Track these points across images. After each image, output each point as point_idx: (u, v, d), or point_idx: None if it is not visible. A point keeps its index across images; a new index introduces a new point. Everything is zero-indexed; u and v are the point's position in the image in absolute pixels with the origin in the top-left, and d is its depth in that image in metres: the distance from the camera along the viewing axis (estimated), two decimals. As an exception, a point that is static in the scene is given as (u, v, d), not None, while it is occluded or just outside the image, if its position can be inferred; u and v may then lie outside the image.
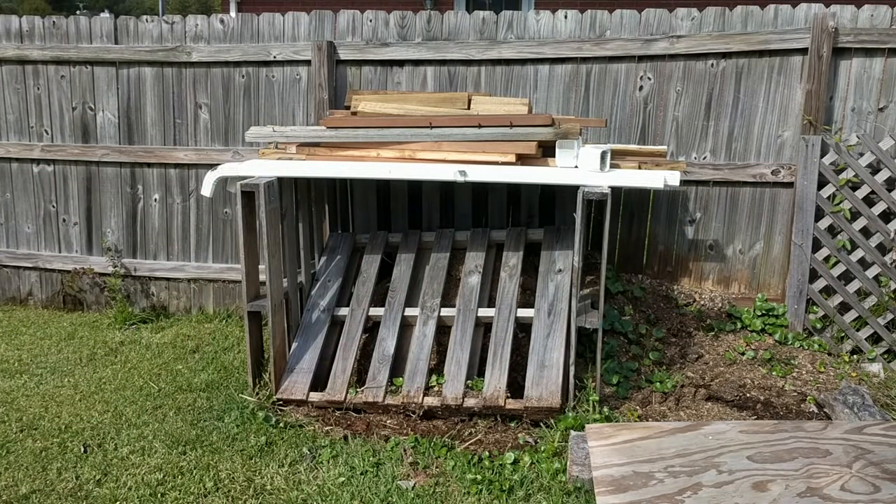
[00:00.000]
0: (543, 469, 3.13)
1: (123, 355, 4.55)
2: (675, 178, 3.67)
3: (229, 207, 5.08)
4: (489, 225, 4.50)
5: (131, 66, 5.04)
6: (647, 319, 4.33)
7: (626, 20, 4.43)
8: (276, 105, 4.88)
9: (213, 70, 4.93)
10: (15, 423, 3.66)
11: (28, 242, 5.46)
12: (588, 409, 3.52)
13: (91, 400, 3.92)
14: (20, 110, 5.27)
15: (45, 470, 3.21)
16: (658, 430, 2.99)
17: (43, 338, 4.87)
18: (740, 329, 4.40)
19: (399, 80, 4.72)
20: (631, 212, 4.66)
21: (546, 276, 4.03)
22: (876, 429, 2.98)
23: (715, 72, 4.41)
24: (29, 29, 5.14)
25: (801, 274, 4.31)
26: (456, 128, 3.82)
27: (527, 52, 4.51)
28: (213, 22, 4.89)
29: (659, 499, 2.53)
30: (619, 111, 4.54)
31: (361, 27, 4.70)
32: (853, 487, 2.57)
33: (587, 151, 3.66)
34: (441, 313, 3.98)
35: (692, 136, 4.49)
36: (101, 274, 5.29)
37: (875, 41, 4.16)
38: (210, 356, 4.51)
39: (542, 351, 3.70)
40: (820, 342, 4.28)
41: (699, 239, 4.60)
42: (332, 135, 3.97)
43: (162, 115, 5.06)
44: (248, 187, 3.65)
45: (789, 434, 2.93)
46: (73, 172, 5.27)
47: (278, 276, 3.83)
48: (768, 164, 4.40)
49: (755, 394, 3.81)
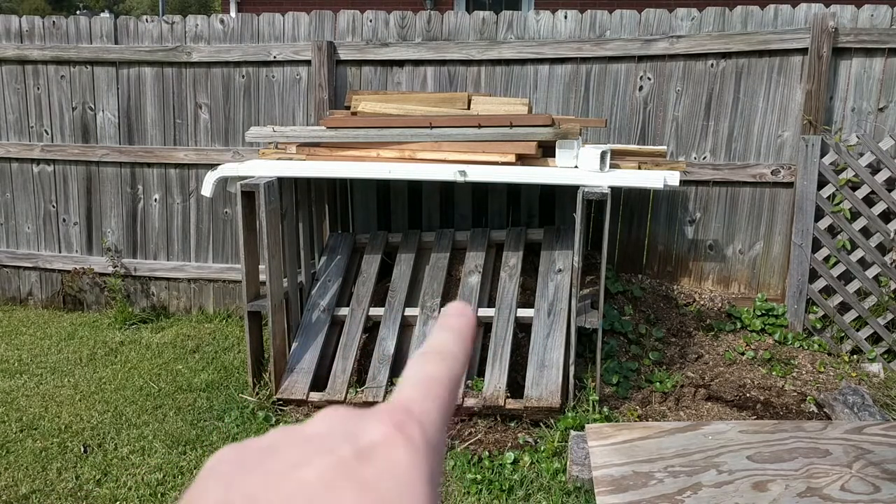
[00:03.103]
0: (543, 469, 3.13)
1: (123, 355, 4.55)
2: (675, 178, 3.67)
3: (229, 207, 5.08)
4: (489, 225, 4.50)
5: (131, 66, 5.04)
6: (647, 319, 4.33)
7: (626, 20, 4.43)
8: (276, 105, 4.88)
9: (214, 70, 4.93)
10: (15, 423, 3.66)
11: (28, 242, 5.46)
12: (588, 409, 3.52)
13: (91, 400, 3.92)
14: (20, 110, 5.27)
15: (45, 470, 3.21)
16: (658, 430, 2.99)
17: (43, 338, 4.87)
18: (740, 329, 4.40)
19: (399, 81, 4.72)
20: (631, 212, 4.66)
21: (546, 276, 4.03)
22: (876, 429, 2.98)
23: (715, 72, 4.41)
24: (29, 29, 5.14)
25: (800, 274, 4.31)
26: (456, 128, 3.82)
27: (527, 52, 4.51)
28: (213, 22, 4.89)
29: (659, 499, 2.53)
30: (619, 111, 4.53)
31: (361, 27, 4.70)
32: (853, 487, 2.57)
33: (587, 151, 3.66)
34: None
35: (692, 136, 4.49)
36: (101, 274, 5.29)
37: (875, 41, 4.16)
38: (210, 356, 4.51)
39: (541, 351, 3.70)
40: (820, 342, 4.28)
41: (699, 239, 4.61)
42: (332, 135, 3.97)
43: (162, 115, 5.06)
44: (249, 187, 3.65)
45: (789, 434, 2.93)
46: (73, 172, 5.27)
47: (278, 276, 3.83)
48: (768, 164, 4.40)
49: (755, 394, 3.81)
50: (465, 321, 0.39)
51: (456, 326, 0.39)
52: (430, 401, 0.34)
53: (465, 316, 0.40)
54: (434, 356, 0.37)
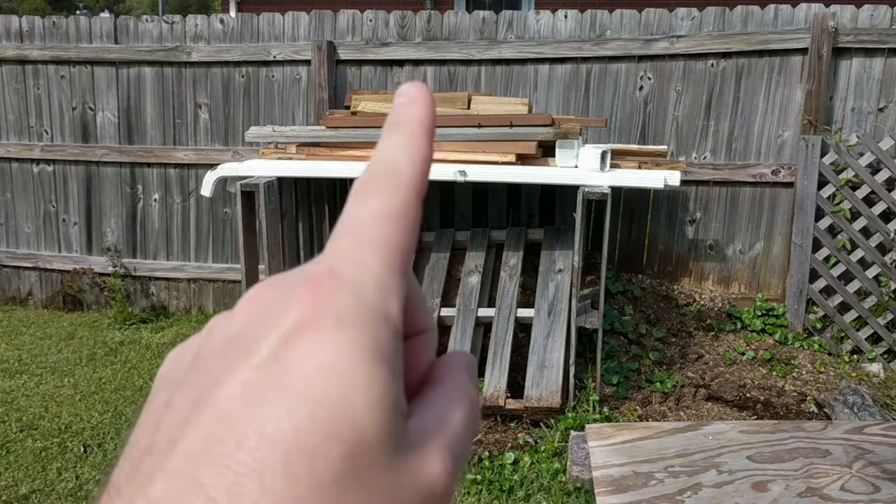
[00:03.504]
0: (543, 469, 3.13)
1: (123, 355, 4.55)
2: (675, 178, 3.67)
3: (229, 207, 5.07)
4: (489, 225, 4.50)
5: (131, 66, 5.04)
6: (647, 319, 4.33)
7: (626, 20, 4.43)
8: (276, 105, 4.88)
9: (213, 70, 4.93)
10: (15, 423, 3.66)
11: (28, 242, 5.45)
12: (588, 409, 3.52)
13: (91, 400, 3.92)
14: (20, 110, 5.27)
15: (45, 470, 3.21)
16: (658, 430, 2.99)
17: (43, 338, 4.87)
18: (740, 329, 4.40)
19: (399, 80, 4.71)
20: (631, 212, 4.66)
21: (546, 276, 4.03)
22: (876, 429, 2.98)
23: (715, 72, 4.40)
24: (29, 29, 5.14)
25: (801, 274, 4.31)
26: (456, 128, 3.82)
27: (527, 51, 4.51)
28: (213, 22, 4.89)
29: (659, 499, 2.53)
30: (619, 111, 4.53)
31: (361, 27, 4.70)
32: (853, 487, 2.57)
33: (587, 151, 3.66)
34: (441, 313, 3.98)
35: (692, 135, 4.49)
36: (100, 274, 5.29)
37: (875, 41, 4.16)
38: (210, 356, 4.50)
39: (542, 351, 3.70)
40: (820, 342, 4.28)
41: (699, 239, 4.60)
42: (332, 135, 3.97)
43: (162, 115, 5.06)
44: (248, 187, 3.65)
45: (789, 434, 2.93)
46: (73, 172, 5.27)
47: (278, 276, 3.82)
48: (768, 164, 4.40)
49: (755, 394, 3.81)
50: (418, 111, 0.28)
51: (405, 122, 0.28)
52: (369, 249, 0.25)
53: (416, 102, 0.28)
54: (375, 184, 0.27)
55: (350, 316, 0.24)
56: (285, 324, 0.24)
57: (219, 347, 0.25)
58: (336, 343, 0.23)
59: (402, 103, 0.28)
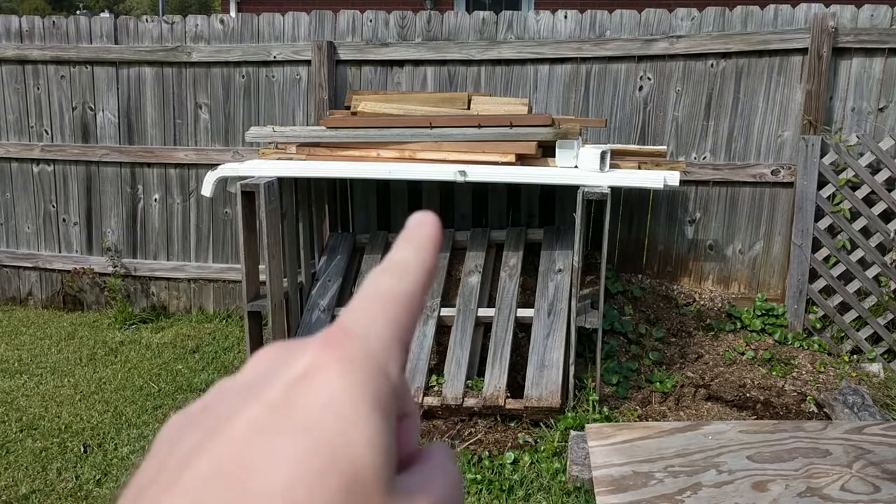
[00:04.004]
0: (543, 469, 3.13)
1: (123, 355, 4.55)
2: (675, 178, 3.67)
3: (229, 207, 5.07)
4: (489, 225, 4.50)
5: (131, 66, 5.04)
6: (647, 319, 4.33)
7: (626, 20, 4.43)
8: (276, 105, 4.88)
9: (213, 70, 4.93)
10: (15, 423, 3.66)
11: (28, 242, 5.45)
12: (588, 408, 3.52)
13: (91, 400, 3.92)
14: (20, 110, 5.27)
15: (45, 470, 3.21)
16: (658, 430, 2.99)
17: (43, 338, 4.87)
18: (740, 329, 4.40)
19: (399, 81, 4.72)
20: (631, 212, 4.66)
21: (546, 276, 4.03)
22: (876, 429, 2.98)
23: (715, 72, 4.41)
24: (29, 29, 5.14)
25: (800, 274, 4.31)
26: (456, 128, 3.82)
27: (527, 52, 4.51)
28: (213, 22, 4.89)
29: (659, 499, 2.53)
30: (619, 111, 4.53)
31: (361, 27, 4.70)
32: (853, 487, 2.58)
33: (587, 151, 3.67)
34: (441, 313, 3.99)
35: (692, 136, 4.49)
36: (101, 274, 5.29)
37: (875, 41, 4.16)
38: (210, 356, 4.51)
39: (541, 351, 3.70)
40: (820, 342, 4.28)
41: (699, 239, 4.61)
42: (332, 135, 3.97)
43: (162, 115, 5.06)
44: (248, 187, 3.65)
45: (789, 434, 2.93)
46: (73, 172, 5.27)
47: (278, 276, 3.83)
48: (768, 164, 4.40)
49: (755, 394, 3.81)
50: (427, 231, 0.33)
51: (417, 237, 0.33)
52: (379, 318, 0.29)
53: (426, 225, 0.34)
54: (388, 272, 0.31)
55: (357, 363, 0.27)
56: (297, 368, 0.26)
57: (228, 396, 0.27)
58: (341, 384, 0.26)
59: (414, 225, 0.34)
